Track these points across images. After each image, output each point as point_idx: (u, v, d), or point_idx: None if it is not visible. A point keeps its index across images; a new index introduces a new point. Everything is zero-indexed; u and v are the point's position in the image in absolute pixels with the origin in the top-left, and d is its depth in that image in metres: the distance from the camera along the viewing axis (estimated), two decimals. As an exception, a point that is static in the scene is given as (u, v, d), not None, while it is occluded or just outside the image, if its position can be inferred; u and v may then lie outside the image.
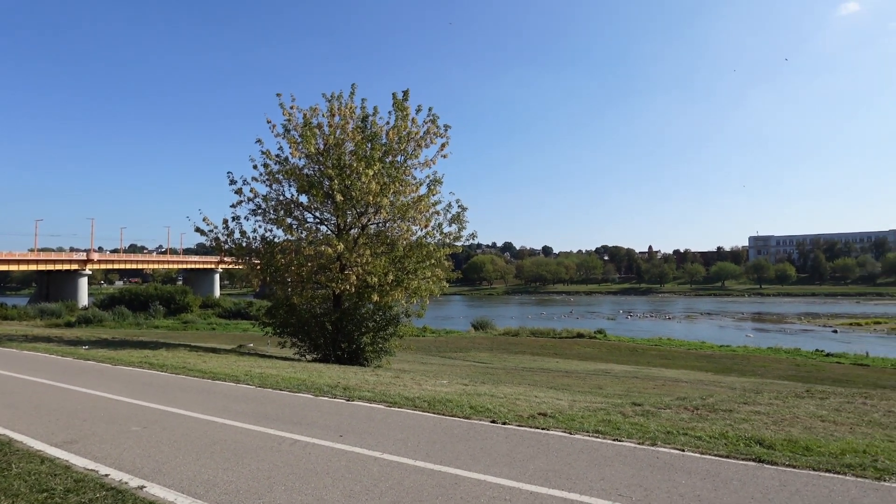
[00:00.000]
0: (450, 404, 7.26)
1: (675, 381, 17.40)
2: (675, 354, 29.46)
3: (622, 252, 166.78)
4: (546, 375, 17.56)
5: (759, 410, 7.10)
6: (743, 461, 4.94)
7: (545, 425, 6.21)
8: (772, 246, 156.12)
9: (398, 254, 15.01)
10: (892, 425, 6.38)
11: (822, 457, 4.95)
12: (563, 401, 8.14)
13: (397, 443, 5.57)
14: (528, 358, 26.65)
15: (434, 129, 14.89)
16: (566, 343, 33.98)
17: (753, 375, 21.55)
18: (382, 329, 15.91)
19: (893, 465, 4.73)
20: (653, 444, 5.45)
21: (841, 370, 23.94)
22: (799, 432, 5.88)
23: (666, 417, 6.64)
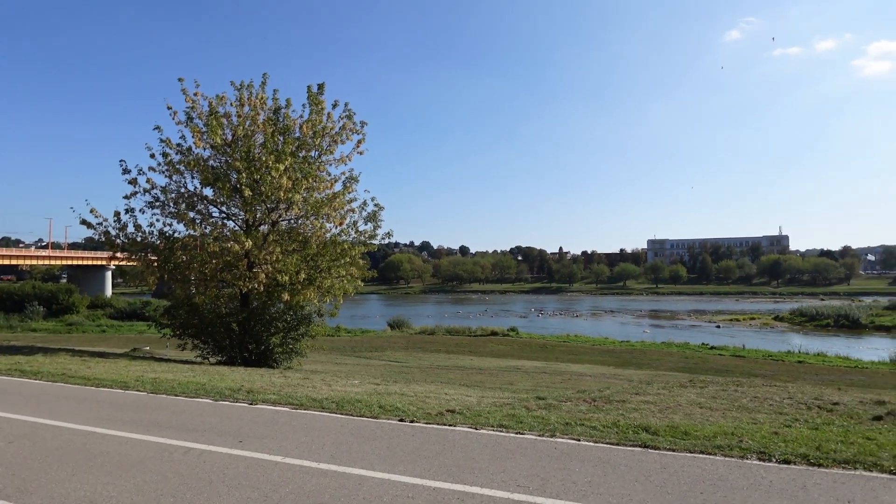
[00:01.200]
0: (359, 404, 7.17)
1: (581, 375, 18.41)
2: (581, 350, 31.15)
3: (535, 253, 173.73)
4: (460, 373, 17.87)
5: (649, 400, 7.70)
6: (631, 447, 5.33)
7: (452, 422, 6.32)
8: (667, 249, 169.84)
9: (311, 252, 14.56)
10: (757, 409, 7.18)
11: (698, 440, 5.47)
12: (472, 397, 8.32)
13: (301, 446, 5.41)
14: (444, 356, 26.98)
15: (350, 125, 14.60)
16: (480, 341, 34.80)
17: (649, 368, 23.28)
18: (293, 329, 15.37)
19: (755, 444, 5.32)
20: (552, 436, 5.72)
21: (722, 361, 26.53)
22: (680, 419, 6.45)
23: (566, 410, 7.01)
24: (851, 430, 5.95)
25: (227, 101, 14.40)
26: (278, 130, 13.96)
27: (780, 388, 8.75)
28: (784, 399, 7.73)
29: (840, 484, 4.38)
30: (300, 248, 14.83)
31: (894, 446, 5.26)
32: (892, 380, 20.36)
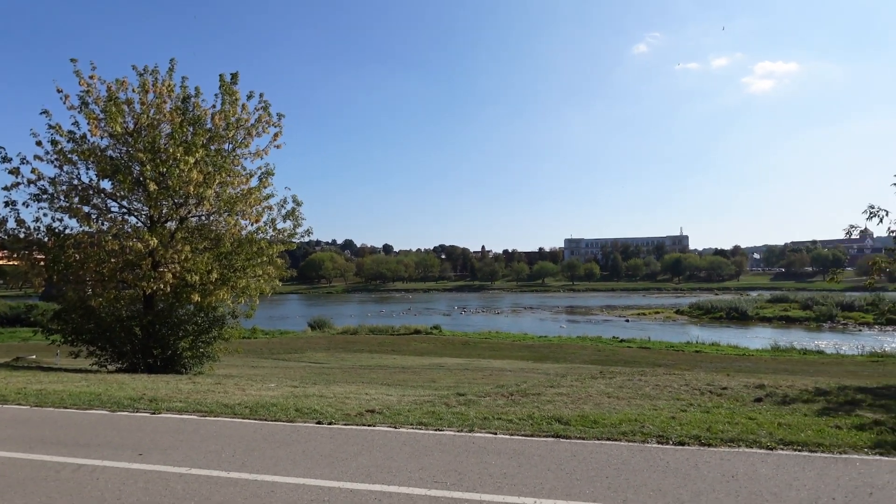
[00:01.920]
0: (274, 408, 6.91)
1: (501, 370, 18.90)
2: (502, 346, 32.00)
3: (458, 251, 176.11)
4: (383, 372, 17.73)
5: (562, 392, 8.05)
6: (544, 438, 5.55)
7: (372, 422, 6.26)
8: (582, 248, 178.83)
9: (225, 250, 13.77)
10: (658, 396, 7.74)
11: (605, 428, 5.80)
12: (393, 396, 8.28)
13: (209, 455, 5.11)
14: (367, 356, 26.65)
15: (266, 117, 13.96)
16: (404, 339, 34.75)
17: (565, 361, 24.37)
18: (204, 332, 14.48)
19: (655, 429, 5.73)
20: (470, 431, 5.83)
21: (630, 353, 28.32)
22: (590, 408, 6.81)
23: (485, 405, 7.16)
24: (737, 411, 6.58)
25: (128, 87, 13.28)
26: (188, 121, 13.06)
27: (678, 377, 9.48)
28: (681, 386, 8.39)
29: (726, 461, 4.82)
30: (212, 246, 13.99)
31: (771, 424, 5.88)
32: (773, 365, 22.77)
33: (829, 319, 49.42)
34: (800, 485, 4.25)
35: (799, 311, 53.93)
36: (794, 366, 22.46)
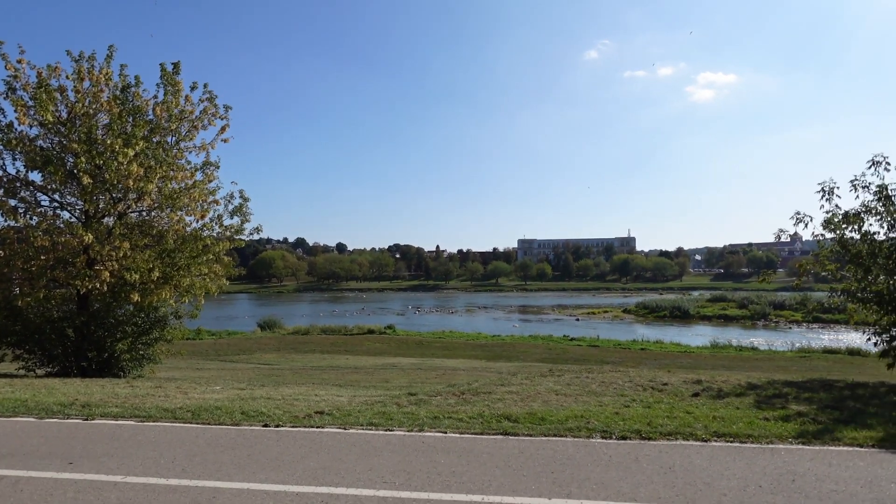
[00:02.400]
0: (218, 412, 6.68)
1: (454, 369, 19.00)
2: (455, 345, 32.18)
3: (413, 251, 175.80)
4: (335, 373, 17.48)
5: (512, 390, 8.18)
6: (493, 436, 5.63)
7: (321, 423, 6.16)
8: (535, 248, 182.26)
9: (168, 247, 13.15)
10: (604, 393, 7.99)
11: (552, 424, 5.94)
12: (344, 397, 8.18)
13: (147, 462, 4.89)
14: (318, 356, 26.19)
15: (212, 109, 13.42)
16: (357, 339, 34.37)
17: (517, 360, 24.78)
18: (145, 333, 13.79)
19: (599, 424, 5.91)
20: (420, 430, 5.83)
21: (580, 351, 29.11)
22: (539, 406, 6.95)
23: (435, 404, 7.19)
24: (676, 406, 6.88)
25: (61, 74, 12.48)
26: (127, 111, 12.40)
27: (623, 373, 9.82)
28: (626, 383, 8.69)
29: (664, 453, 5.04)
30: (154, 243, 13.34)
31: (706, 418, 6.19)
32: (712, 361, 23.97)
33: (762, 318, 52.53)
34: (730, 474, 4.50)
35: (736, 309, 57.04)
36: (730, 362, 23.74)
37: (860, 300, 9.53)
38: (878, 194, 9.40)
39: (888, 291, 9.06)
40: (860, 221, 9.52)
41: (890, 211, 9.29)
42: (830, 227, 9.80)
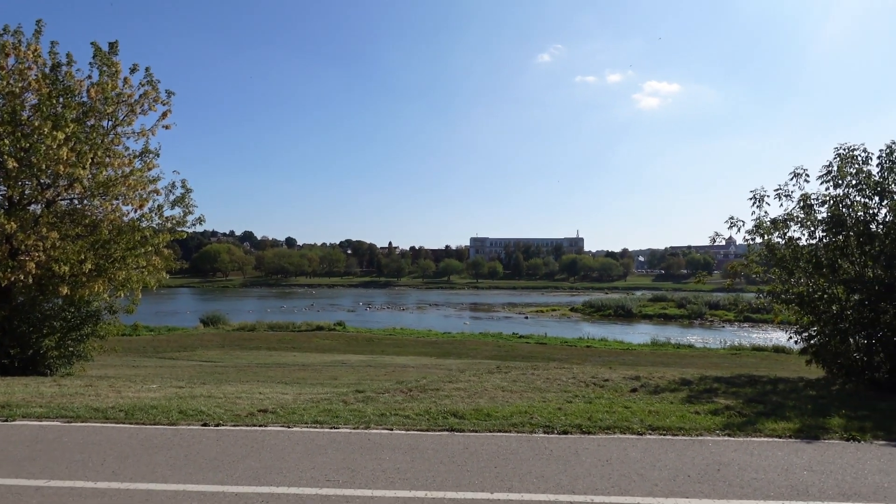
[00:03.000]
0: (154, 411, 6.39)
1: (404, 366, 18.98)
2: (406, 342, 32.11)
3: (365, 247, 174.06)
4: (281, 370, 17.09)
5: (460, 387, 8.27)
6: (439, 432, 5.68)
7: (264, 422, 6.01)
8: (487, 247, 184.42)
9: (101, 238, 12.41)
10: (548, 389, 8.20)
11: (498, 420, 6.05)
12: (289, 395, 8.01)
13: (74, 465, 4.63)
14: (265, 353, 25.51)
15: (153, 93, 12.74)
16: (305, 336, 33.71)
17: (467, 357, 25.02)
18: (75, 329, 13.00)
19: (543, 419, 6.08)
20: (367, 428, 5.81)
21: (528, 348, 29.72)
22: (485, 402, 7.06)
23: (383, 401, 7.16)
24: (615, 401, 7.16)
25: (-17, 49, 11.53)
26: (57, 91, 11.61)
27: (567, 370, 10.11)
28: (569, 379, 8.96)
29: (603, 447, 5.24)
30: (87, 233, 12.58)
31: (643, 412, 6.48)
32: (651, 358, 25.05)
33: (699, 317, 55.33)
34: (662, 465, 4.74)
35: (675, 309, 59.79)
36: (668, 358, 24.89)
37: (784, 301, 10.22)
38: (802, 203, 10.11)
39: (808, 293, 9.76)
40: (785, 227, 10.22)
41: (811, 219, 10.01)
42: (759, 233, 10.46)
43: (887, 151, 9.49)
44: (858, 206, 9.57)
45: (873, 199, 9.50)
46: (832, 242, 9.77)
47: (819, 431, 5.84)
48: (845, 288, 9.41)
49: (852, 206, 9.59)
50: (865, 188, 9.51)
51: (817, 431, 5.84)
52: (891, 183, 9.36)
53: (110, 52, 12.17)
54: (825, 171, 9.90)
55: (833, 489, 4.28)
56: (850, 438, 5.67)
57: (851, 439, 5.65)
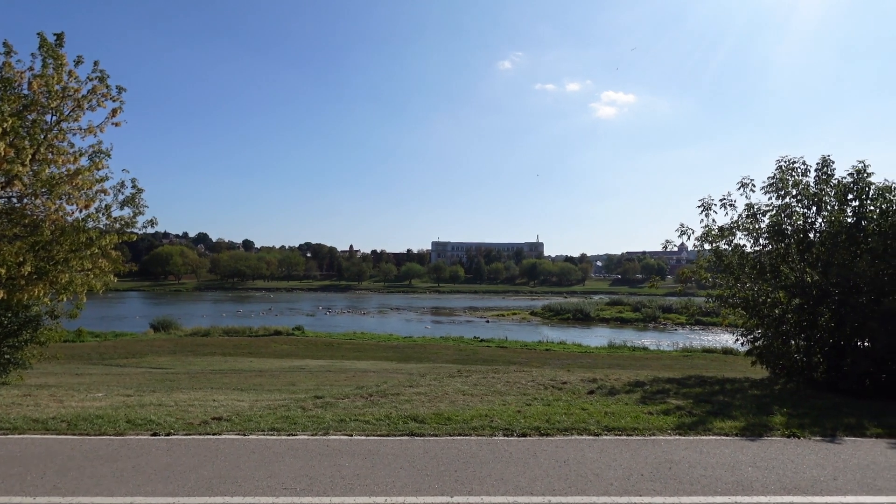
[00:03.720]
0: (99, 421, 6.10)
1: (365, 371, 18.76)
2: (366, 347, 31.79)
3: (325, 250, 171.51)
4: (237, 376, 16.59)
5: (421, 391, 8.26)
6: (399, 437, 5.65)
7: (218, 430, 5.83)
8: (449, 251, 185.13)
9: (43, 238, 11.74)
10: (508, 392, 8.30)
11: (458, 424, 6.08)
12: (245, 402, 7.81)
13: (10, 479, 4.36)
14: (219, 359, 24.72)
15: (102, 89, 12.14)
16: (263, 341, 32.86)
17: (428, 361, 24.97)
18: (12, 335, 12.25)
19: (502, 422, 6.14)
20: (325, 434, 5.72)
21: (489, 352, 29.94)
22: (446, 406, 7.08)
23: (342, 407, 7.07)
24: (573, 403, 7.32)
25: (-88, 35, 10.74)
26: (-5, 83, 10.92)
27: (527, 373, 10.26)
28: (529, 382, 9.09)
29: (560, 448, 5.34)
30: (26, 233, 11.87)
31: (599, 413, 6.64)
32: (608, 360, 25.69)
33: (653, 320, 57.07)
34: (617, 464, 4.87)
35: (631, 313, 61.53)
36: (624, 361, 25.60)
37: (730, 305, 10.71)
38: (747, 212, 10.64)
39: (753, 298, 10.26)
40: (731, 235, 10.72)
41: (755, 227, 10.54)
42: (707, 240, 10.93)
43: (822, 164, 10.10)
44: (798, 216, 10.15)
45: (811, 209, 10.10)
46: (774, 250, 10.32)
47: (762, 429, 6.14)
48: (786, 293, 9.94)
49: (792, 216, 10.16)
50: (804, 199, 10.09)
51: (761, 429, 6.14)
52: (825, 194, 9.97)
53: (57, 44, 11.56)
54: (769, 183, 10.45)
55: (775, 484, 4.50)
56: (790, 435, 5.98)
57: (792, 436, 5.97)
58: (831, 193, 9.91)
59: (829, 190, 9.92)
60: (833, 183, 9.92)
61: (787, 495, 4.28)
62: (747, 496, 4.24)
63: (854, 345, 9.43)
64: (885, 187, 9.50)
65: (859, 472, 4.84)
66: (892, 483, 4.57)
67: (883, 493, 4.34)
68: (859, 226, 9.56)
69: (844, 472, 4.83)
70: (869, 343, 9.24)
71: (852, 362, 8.95)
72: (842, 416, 6.90)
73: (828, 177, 9.99)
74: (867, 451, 5.52)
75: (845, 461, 5.14)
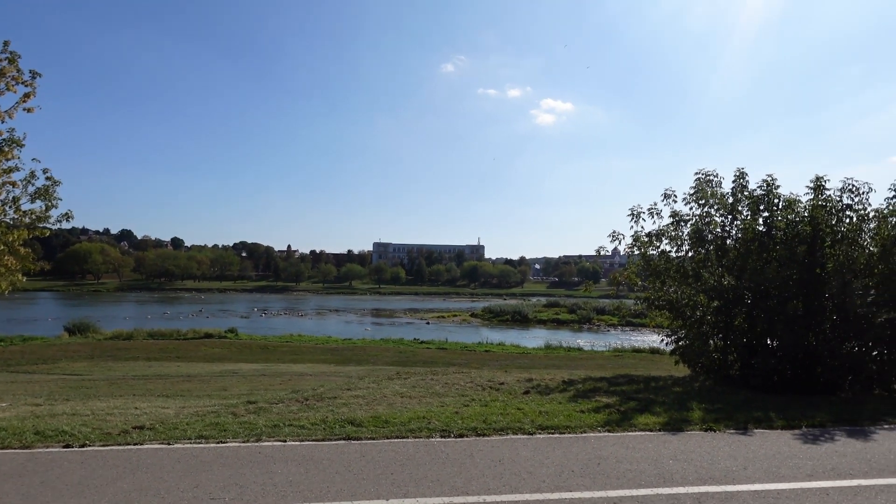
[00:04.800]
0: (2, 433, 5.59)
1: (302, 374, 18.27)
2: (304, 349, 30.97)
3: (262, 249, 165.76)
4: (163, 382, 15.68)
5: (358, 394, 8.16)
6: (336, 441, 5.57)
7: (139, 440, 5.50)
8: (390, 252, 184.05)
9: (-61, 233, 10.66)
10: (446, 393, 8.37)
11: (395, 426, 6.06)
12: (171, 409, 7.41)
13: None
14: (143, 364, 23.26)
15: (13, 71, 11.15)
16: (192, 344, 31.26)
17: (368, 363, 24.67)
18: None
19: (440, 424, 6.18)
20: (257, 441, 5.54)
21: (429, 354, 29.96)
22: (384, 409, 7.04)
23: (276, 412, 6.87)
24: (509, 403, 7.48)
25: None
26: None
27: (465, 374, 10.39)
28: (467, 383, 9.21)
29: (496, 448, 5.45)
30: (-82, 227, 10.72)
31: (534, 413, 6.83)
32: (545, 361, 26.42)
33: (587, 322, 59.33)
34: (550, 462, 5.03)
35: (567, 314, 63.64)
36: (560, 361, 26.41)
37: (657, 307, 11.34)
38: (671, 220, 11.32)
39: (676, 300, 10.92)
40: (658, 241, 11.37)
41: (678, 234, 11.24)
42: (637, 246, 11.53)
43: (738, 177, 10.92)
44: (716, 224, 10.92)
45: (727, 218, 10.88)
46: (696, 255, 11.04)
47: (683, 424, 6.54)
48: (706, 296, 10.65)
49: (711, 224, 10.91)
50: (722, 209, 10.87)
51: (681, 424, 6.54)
52: (740, 204, 10.79)
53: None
54: (690, 193, 11.17)
55: (693, 475, 4.81)
56: (707, 429, 6.41)
57: (708, 430, 6.39)
58: (745, 204, 10.72)
59: (743, 200, 10.74)
60: (746, 194, 10.74)
61: (703, 485, 4.58)
62: (668, 487, 4.51)
63: (764, 344, 10.24)
64: (791, 200, 10.40)
65: (766, 461, 5.26)
66: (793, 471, 5.00)
67: (785, 480, 4.74)
68: (769, 234, 10.40)
69: (753, 461, 5.23)
70: (776, 342, 10.07)
71: (762, 360, 9.71)
72: (752, 410, 7.46)
73: (742, 188, 10.81)
74: (773, 441, 6.01)
75: (754, 452, 5.57)
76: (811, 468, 5.07)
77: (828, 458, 5.43)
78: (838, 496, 4.39)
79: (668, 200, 11.45)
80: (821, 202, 10.16)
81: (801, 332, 9.72)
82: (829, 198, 10.20)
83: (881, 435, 6.43)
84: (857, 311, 9.61)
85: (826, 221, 9.96)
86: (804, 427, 6.69)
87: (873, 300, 9.85)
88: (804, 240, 9.95)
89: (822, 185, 10.30)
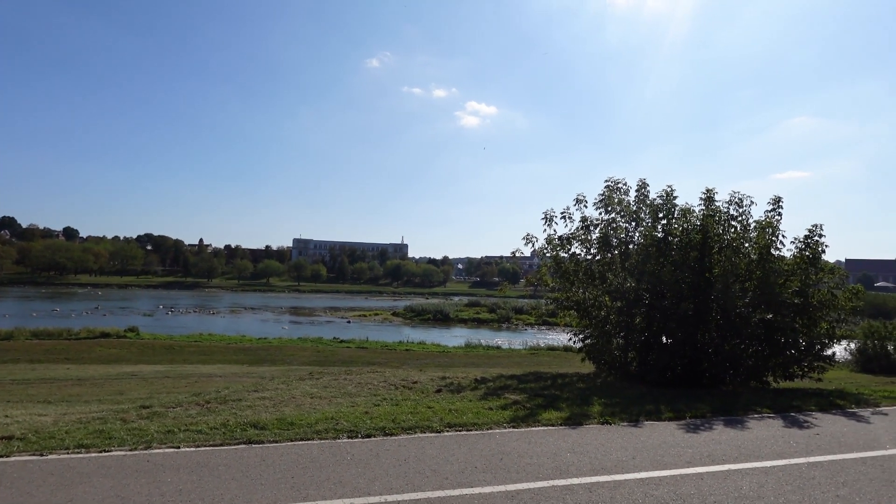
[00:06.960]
0: None
1: (210, 376, 17.28)
2: (214, 349, 29.33)
3: (169, 243, 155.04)
4: (48, 387, 14.21)
5: (266, 396, 7.87)
6: (235, 446, 5.32)
7: (7, 452, 4.96)
8: (311, 249, 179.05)
9: None
10: (359, 393, 8.27)
11: (302, 428, 5.90)
12: (49, 416, 6.74)
13: None
14: (25, 367, 20.91)
15: None
16: (85, 345, 28.59)
17: (283, 364, 23.80)
18: None
19: (348, 425, 6.10)
20: (147, 448, 5.17)
21: (349, 353, 29.44)
22: (291, 410, 6.83)
23: (173, 416, 6.46)
24: (420, 402, 7.53)
25: None
26: None
27: (379, 374, 10.33)
28: (381, 383, 9.16)
29: (403, 447, 5.47)
30: None
31: (444, 411, 6.93)
32: (464, 359, 26.86)
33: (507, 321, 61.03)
34: (455, 459, 5.12)
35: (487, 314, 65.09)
36: (479, 359, 26.96)
37: (565, 307, 11.90)
38: (582, 224, 11.94)
39: (584, 301, 11.53)
40: (569, 245, 11.95)
41: (588, 238, 11.88)
42: (550, 248, 12.05)
43: (641, 186, 11.73)
44: (621, 229, 11.65)
45: (631, 224, 11.66)
46: (603, 259, 11.71)
47: (582, 418, 6.92)
48: (610, 297, 11.33)
49: (617, 230, 11.63)
50: (626, 215, 11.62)
51: (581, 418, 6.91)
52: (642, 212, 11.60)
53: None
54: (599, 199, 11.85)
55: (587, 466, 5.10)
56: (604, 422, 6.82)
57: (605, 423, 6.81)
58: (647, 212, 11.54)
59: (644, 208, 11.54)
60: (648, 203, 11.56)
61: (595, 476, 4.87)
62: (564, 479, 4.74)
63: (659, 342, 11.07)
64: (686, 209, 11.33)
65: (653, 451, 5.68)
66: (675, 458, 5.44)
67: (668, 468, 5.15)
68: (667, 240, 11.26)
69: (642, 452, 5.63)
70: (671, 340, 10.92)
71: (657, 357, 10.49)
72: (645, 403, 8.04)
73: (644, 197, 11.62)
74: (660, 432, 6.51)
75: (643, 442, 6.00)
76: (690, 455, 5.54)
77: (705, 445, 5.96)
78: (711, 480, 4.83)
79: (580, 205, 12.07)
80: (710, 212, 11.15)
81: (691, 331, 10.61)
82: (718, 209, 11.22)
83: (752, 423, 7.16)
84: (737, 312, 10.64)
85: (714, 230, 10.95)
86: (688, 418, 7.30)
87: (750, 301, 10.95)
88: (695, 246, 10.88)
89: (712, 197, 11.32)
